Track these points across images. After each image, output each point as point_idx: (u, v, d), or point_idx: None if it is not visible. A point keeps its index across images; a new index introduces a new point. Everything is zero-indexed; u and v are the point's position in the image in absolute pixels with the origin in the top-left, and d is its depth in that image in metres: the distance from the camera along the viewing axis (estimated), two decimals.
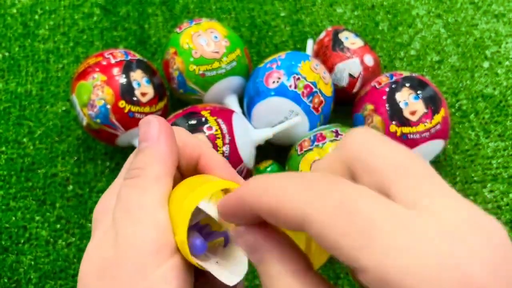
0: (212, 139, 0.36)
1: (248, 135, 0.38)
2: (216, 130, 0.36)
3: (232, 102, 0.43)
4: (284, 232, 0.16)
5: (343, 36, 0.45)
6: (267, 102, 0.40)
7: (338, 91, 0.44)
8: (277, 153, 0.44)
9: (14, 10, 0.53)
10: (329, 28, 0.47)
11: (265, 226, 0.16)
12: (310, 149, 0.37)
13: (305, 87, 0.39)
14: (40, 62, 0.50)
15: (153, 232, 0.18)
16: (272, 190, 0.14)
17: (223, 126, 0.37)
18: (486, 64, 0.50)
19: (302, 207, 0.13)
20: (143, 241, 0.17)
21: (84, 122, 0.40)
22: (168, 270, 0.17)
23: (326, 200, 0.13)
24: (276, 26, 0.53)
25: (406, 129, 0.38)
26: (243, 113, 0.43)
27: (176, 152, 0.20)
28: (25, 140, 0.45)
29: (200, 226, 0.20)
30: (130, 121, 0.39)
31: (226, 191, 0.19)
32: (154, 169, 0.19)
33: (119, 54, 0.41)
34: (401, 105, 0.38)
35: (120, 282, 0.17)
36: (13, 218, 0.41)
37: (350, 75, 0.43)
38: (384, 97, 0.39)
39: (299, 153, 0.38)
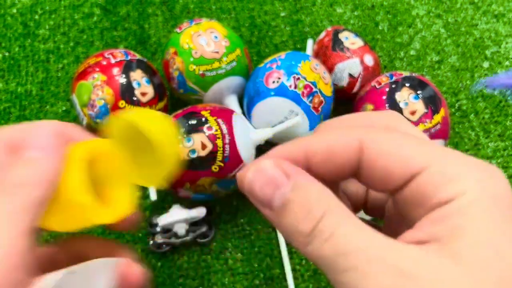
0: (212, 139, 0.36)
1: (248, 135, 0.38)
2: (216, 130, 0.36)
3: (232, 102, 0.43)
4: None
5: (343, 36, 0.45)
6: (267, 102, 0.40)
7: (338, 91, 0.44)
8: None
9: (14, 10, 0.53)
10: (329, 28, 0.47)
11: None
12: None
13: (305, 87, 0.39)
14: (40, 62, 0.50)
15: None
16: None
17: (223, 126, 0.37)
18: (486, 64, 0.50)
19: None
20: None
21: (84, 122, 0.40)
22: None
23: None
24: (276, 26, 0.53)
25: None
26: (243, 113, 0.43)
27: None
28: None
29: None
30: None
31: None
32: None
33: (119, 54, 0.41)
34: (401, 105, 0.38)
35: None
36: None
37: (350, 75, 0.43)
38: (384, 97, 0.39)
39: None
